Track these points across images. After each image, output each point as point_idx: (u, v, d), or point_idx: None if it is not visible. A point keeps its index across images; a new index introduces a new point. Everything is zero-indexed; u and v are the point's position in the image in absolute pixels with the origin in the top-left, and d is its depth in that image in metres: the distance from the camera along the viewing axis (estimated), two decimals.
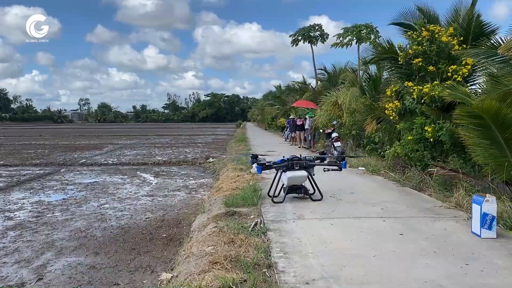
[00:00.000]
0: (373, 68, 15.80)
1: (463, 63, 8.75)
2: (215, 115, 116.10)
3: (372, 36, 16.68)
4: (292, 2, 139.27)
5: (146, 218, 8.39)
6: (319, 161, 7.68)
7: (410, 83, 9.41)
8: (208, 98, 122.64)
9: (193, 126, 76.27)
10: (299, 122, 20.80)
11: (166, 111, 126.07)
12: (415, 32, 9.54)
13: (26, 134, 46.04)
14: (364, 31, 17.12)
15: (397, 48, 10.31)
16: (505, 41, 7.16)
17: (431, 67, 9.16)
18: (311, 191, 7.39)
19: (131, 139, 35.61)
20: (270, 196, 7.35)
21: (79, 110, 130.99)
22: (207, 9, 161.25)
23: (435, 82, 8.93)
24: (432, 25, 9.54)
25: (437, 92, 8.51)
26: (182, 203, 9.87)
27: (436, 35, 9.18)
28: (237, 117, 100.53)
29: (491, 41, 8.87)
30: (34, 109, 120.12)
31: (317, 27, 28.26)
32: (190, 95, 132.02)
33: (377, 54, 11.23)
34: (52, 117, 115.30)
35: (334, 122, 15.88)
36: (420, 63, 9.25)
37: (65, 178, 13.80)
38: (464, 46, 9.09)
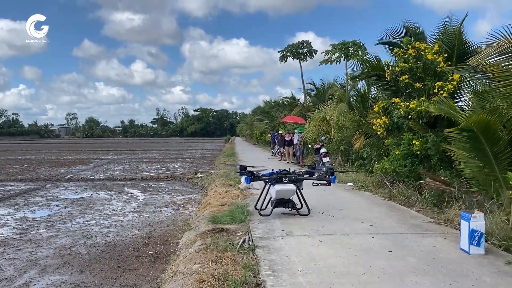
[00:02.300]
0: (361, 84, 15.98)
1: (449, 79, 8.88)
2: (204, 130, 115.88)
3: (360, 53, 16.88)
4: (279, 18, 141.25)
5: (133, 235, 8.25)
6: (308, 175, 7.67)
7: (397, 100, 9.50)
8: (197, 113, 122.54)
9: (182, 141, 75.96)
10: (288, 137, 20.86)
11: (154, 125, 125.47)
12: (401, 50, 9.68)
13: (12, 149, 45.35)
14: (352, 48, 17.35)
15: (384, 65, 10.44)
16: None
17: (417, 84, 9.27)
18: (299, 205, 7.36)
19: (119, 154, 35.29)
20: (257, 209, 7.30)
21: (66, 125, 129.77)
22: (194, 25, 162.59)
23: (422, 98, 9.04)
24: (418, 42, 9.69)
25: (423, 108, 8.60)
26: (169, 219, 9.75)
27: (422, 52, 9.32)
28: (226, 132, 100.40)
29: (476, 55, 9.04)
30: (20, 123, 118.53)
31: (305, 44, 28.59)
32: (178, 109, 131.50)
33: (365, 70, 11.36)
34: (38, 132, 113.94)
35: (323, 138, 15.94)
36: (407, 80, 9.37)
37: (51, 194, 13.56)
38: (449, 63, 9.24)
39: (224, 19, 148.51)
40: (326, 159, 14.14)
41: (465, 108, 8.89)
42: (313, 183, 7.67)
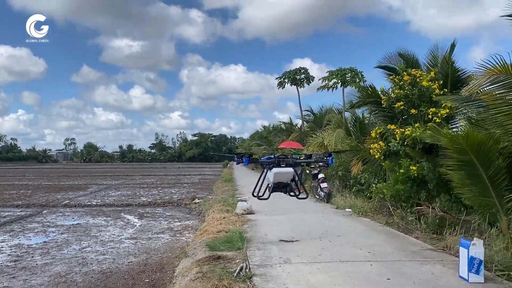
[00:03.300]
0: (358, 110, 16.11)
1: (443, 106, 8.98)
2: (202, 154, 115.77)
3: (357, 79, 17.09)
4: (276, 45, 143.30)
5: (129, 262, 8.16)
6: (305, 159, 7.60)
7: (393, 126, 9.58)
8: (195, 138, 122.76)
9: (180, 166, 75.81)
10: None
11: (152, 151, 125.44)
12: (397, 76, 9.82)
13: (10, 174, 45.16)
14: (349, 74, 17.56)
15: (380, 92, 10.56)
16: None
17: (413, 110, 9.38)
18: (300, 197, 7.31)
19: (117, 180, 35.15)
20: (254, 196, 7.23)
21: (65, 150, 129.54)
22: (193, 51, 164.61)
23: (417, 124, 9.12)
24: (414, 69, 9.85)
25: (418, 134, 8.67)
26: (166, 246, 9.65)
27: (418, 79, 9.46)
28: (224, 157, 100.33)
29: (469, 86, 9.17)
30: (18, 148, 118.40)
31: (302, 70, 28.86)
32: (177, 134, 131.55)
33: (362, 98, 11.49)
34: (36, 157, 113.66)
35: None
36: (402, 107, 9.47)
37: (47, 220, 13.45)
38: (445, 90, 9.36)
39: (222, 46, 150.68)
40: (324, 185, 14.11)
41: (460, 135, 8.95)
42: (310, 165, 7.53)
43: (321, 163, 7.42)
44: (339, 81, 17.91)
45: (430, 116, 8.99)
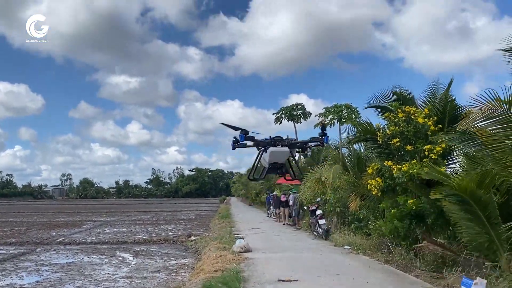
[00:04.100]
0: (355, 145, 16.18)
1: (438, 142, 9.05)
2: (198, 190, 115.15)
3: (353, 116, 17.30)
4: (272, 81, 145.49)
5: None
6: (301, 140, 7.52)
7: (389, 163, 9.61)
8: (192, 173, 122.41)
9: (176, 202, 75.17)
10: (283, 198, 20.76)
11: (149, 186, 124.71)
12: (391, 114, 9.94)
13: (4, 210, 44.62)
14: (345, 111, 17.79)
15: (375, 129, 10.66)
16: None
17: (408, 147, 9.43)
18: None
19: (112, 216, 34.75)
20: (250, 179, 7.13)
21: (61, 186, 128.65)
22: (190, 87, 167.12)
23: (413, 161, 9.15)
24: (408, 106, 9.98)
25: (414, 171, 8.69)
26: (161, 286, 9.44)
27: (413, 116, 9.58)
28: (221, 192, 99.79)
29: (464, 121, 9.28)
30: (14, 184, 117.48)
31: (299, 106, 29.33)
32: (174, 170, 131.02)
33: (358, 134, 11.57)
34: (32, 193, 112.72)
35: (318, 199, 15.88)
36: (398, 143, 9.53)
37: (41, 258, 13.19)
38: (440, 126, 9.46)
39: (219, 82, 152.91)
40: (322, 221, 14.00)
41: (459, 171, 9.00)
42: (306, 145, 7.40)
43: (317, 142, 7.26)
44: (336, 117, 18.13)
45: (426, 153, 9.04)
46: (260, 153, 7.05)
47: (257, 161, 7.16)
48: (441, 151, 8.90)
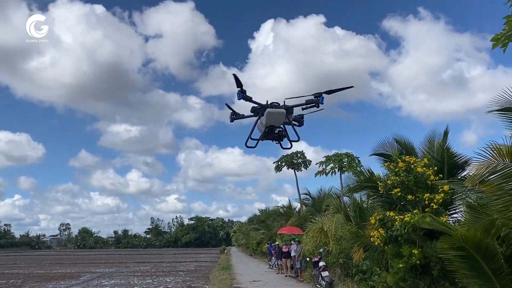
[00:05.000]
0: (357, 194, 16.14)
1: (439, 190, 9.06)
2: (198, 239, 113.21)
3: (354, 165, 17.35)
4: None
5: None
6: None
7: (391, 213, 9.57)
8: (192, 222, 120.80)
9: (176, 252, 73.66)
10: (285, 249, 20.41)
11: (148, 236, 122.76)
12: (392, 163, 10.02)
13: (0, 262, 43.68)
14: (346, 159, 17.87)
15: (376, 178, 10.70)
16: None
17: (410, 196, 9.44)
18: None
19: (110, 267, 33.96)
20: (247, 147, 7.01)
21: (59, 236, 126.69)
22: (190, 135, 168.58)
23: (415, 211, 9.12)
24: (408, 156, 10.08)
25: (416, 220, 8.64)
26: None
27: (412, 166, 9.65)
28: (221, 242, 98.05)
29: (466, 171, 9.35)
30: (12, 234, 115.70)
31: (299, 155, 29.40)
32: (173, 219, 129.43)
33: (359, 183, 11.61)
34: (30, 243, 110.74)
35: (321, 250, 15.62)
36: (399, 193, 9.55)
37: None
38: (440, 176, 9.51)
39: (219, 130, 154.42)
40: (325, 273, 13.71)
41: (461, 220, 8.94)
42: (302, 107, 7.23)
43: (312, 104, 7.14)
44: (337, 166, 18.17)
45: (426, 202, 9.04)
46: (257, 118, 6.98)
47: (254, 125, 7.08)
48: (441, 200, 8.90)
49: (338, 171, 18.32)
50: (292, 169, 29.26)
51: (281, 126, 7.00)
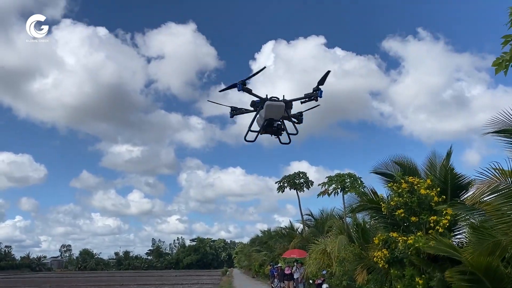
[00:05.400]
0: (360, 215, 16.04)
1: (443, 213, 9.02)
2: (200, 261, 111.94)
3: (356, 185, 17.29)
4: (273, 148, 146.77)
5: None
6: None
7: (395, 234, 9.52)
8: (194, 243, 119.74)
9: (177, 274, 72.80)
10: (287, 271, 20.20)
11: (149, 257, 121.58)
12: (395, 184, 10.00)
13: (1, 284, 43.22)
14: (348, 180, 17.81)
15: (380, 199, 10.67)
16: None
17: (413, 218, 9.40)
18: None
19: None
20: (246, 141, 6.92)
21: (60, 257, 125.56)
22: (192, 155, 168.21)
23: (419, 233, 9.08)
24: (411, 176, 10.07)
25: (421, 244, 8.58)
26: None
27: (415, 187, 9.63)
28: (223, 263, 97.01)
29: (469, 192, 9.33)
30: (12, 256, 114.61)
31: (301, 175, 29.35)
32: (174, 240, 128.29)
33: (362, 203, 11.58)
34: (30, 265, 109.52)
35: (324, 272, 15.46)
36: (403, 214, 9.50)
37: None
38: (444, 197, 9.48)
39: (220, 150, 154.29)
40: None
41: (464, 242, 8.87)
42: (301, 101, 7.17)
43: (311, 97, 7.10)
44: (339, 187, 18.11)
45: (432, 224, 8.99)
46: (257, 111, 6.96)
47: (254, 120, 7.05)
48: (447, 224, 8.85)
49: (340, 192, 18.25)
50: (294, 189, 29.18)
51: (280, 120, 6.96)
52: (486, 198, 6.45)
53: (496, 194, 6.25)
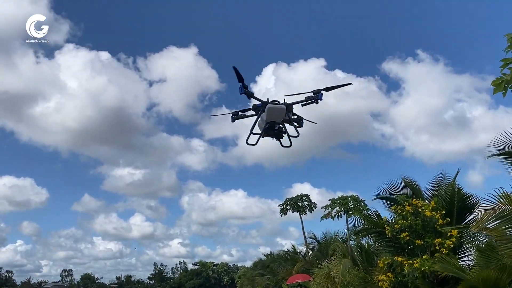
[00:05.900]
0: (363, 238, 15.87)
1: (448, 235, 8.94)
2: (202, 285, 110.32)
3: (360, 208, 17.19)
4: (275, 170, 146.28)
5: None
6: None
7: (400, 258, 9.41)
8: (196, 267, 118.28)
9: None
10: None
11: (151, 281, 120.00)
12: (399, 207, 9.94)
13: None
14: (351, 202, 17.71)
15: (384, 222, 10.59)
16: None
17: (418, 241, 9.31)
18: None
19: None
20: (248, 144, 6.78)
21: (61, 282, 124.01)
22: (194, 178, 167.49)
23: (424, 256, 8.97)
24: (415, 199, 10.02)
25: (426, 267, 8.48)
26: None
27: (420, 209, 9.57)
28: None
29: (475, 213, 9.27)
30: (13, 281, 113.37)
31: (304, 197, 29.20)
32: (176, 264, 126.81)
33: (366, 226, 11.49)
34: None
35: None
36: (408, 237, 9.42)
37: None
38: (449, 219, 9.41)
39: (222, 172, 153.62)
40: None
41: (470, 264, 8.77)
42: (301, 104, 7.07)
43: (312, 101, 7.03)
44: (342, 209, 17.99)
45: (437, 247, 8.89)
46: (259, 115, 6.96)
47: (255, 123, 7.02)
48: (452, 246, 8.76)
49: (344, 214, 18.12)
50: (297, 212, 28.98)
51: (281, 123, 6.96)
52: (491, 225, 6.41)
53: (501, 220, 6.21)
